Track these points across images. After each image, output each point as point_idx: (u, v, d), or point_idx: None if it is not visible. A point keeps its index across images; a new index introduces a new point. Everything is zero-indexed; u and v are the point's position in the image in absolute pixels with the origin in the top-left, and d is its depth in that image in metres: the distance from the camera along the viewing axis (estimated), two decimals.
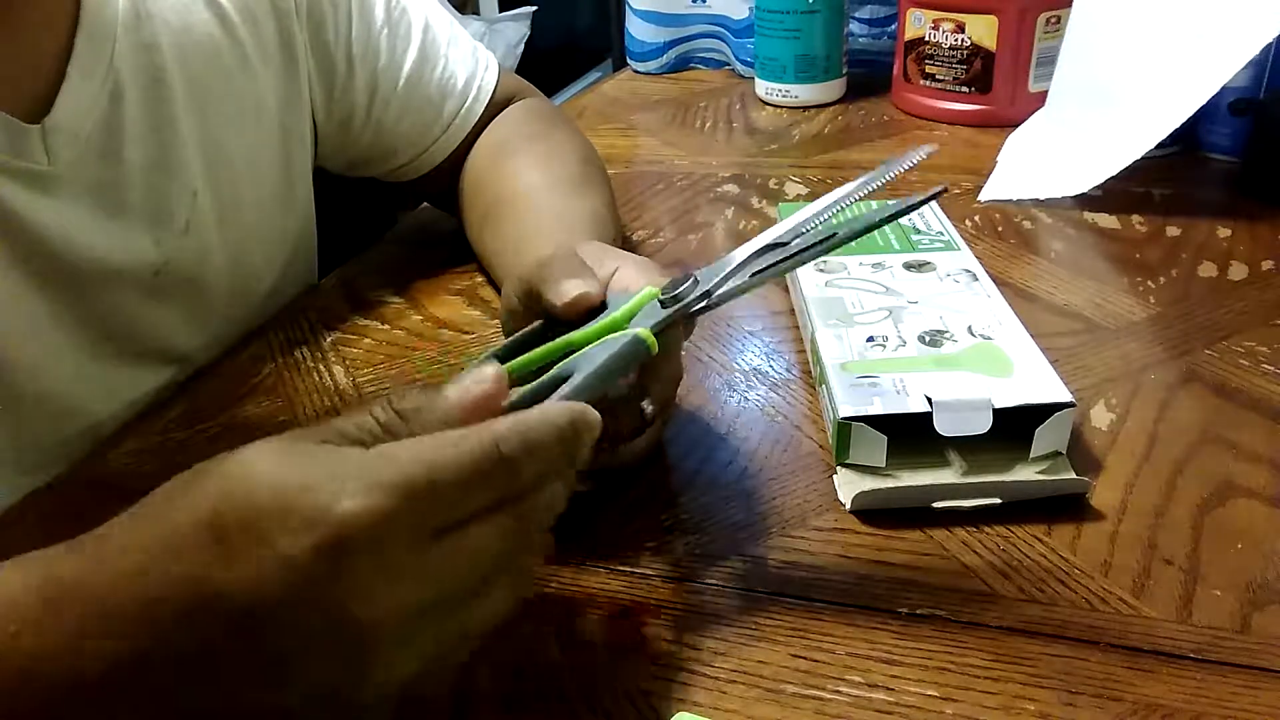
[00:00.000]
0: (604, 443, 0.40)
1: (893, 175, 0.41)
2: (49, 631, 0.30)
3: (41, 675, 0.30)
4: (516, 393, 0.39)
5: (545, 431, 0.32)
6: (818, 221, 0.42)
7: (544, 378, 0.40)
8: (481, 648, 0.34)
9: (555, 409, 0.33)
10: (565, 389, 0.37)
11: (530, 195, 0.65)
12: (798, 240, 0.42)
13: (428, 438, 0.31)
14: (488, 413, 0.34)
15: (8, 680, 0.30)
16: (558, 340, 0.43)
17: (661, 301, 0.41)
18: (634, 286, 0.44)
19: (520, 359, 0.43)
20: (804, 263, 0.41)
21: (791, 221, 0.42)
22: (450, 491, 0.30)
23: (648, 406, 0.44)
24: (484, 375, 0.35)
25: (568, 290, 0.43)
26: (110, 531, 0.31)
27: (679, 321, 0.41)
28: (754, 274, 0.41)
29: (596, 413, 0.34)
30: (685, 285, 0.41)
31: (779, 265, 0.41)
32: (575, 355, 0.40)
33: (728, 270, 0.41)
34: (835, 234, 0.41)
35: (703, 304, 0.41)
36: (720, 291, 0.41)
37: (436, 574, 0.30)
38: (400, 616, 0.29)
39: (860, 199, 0.42)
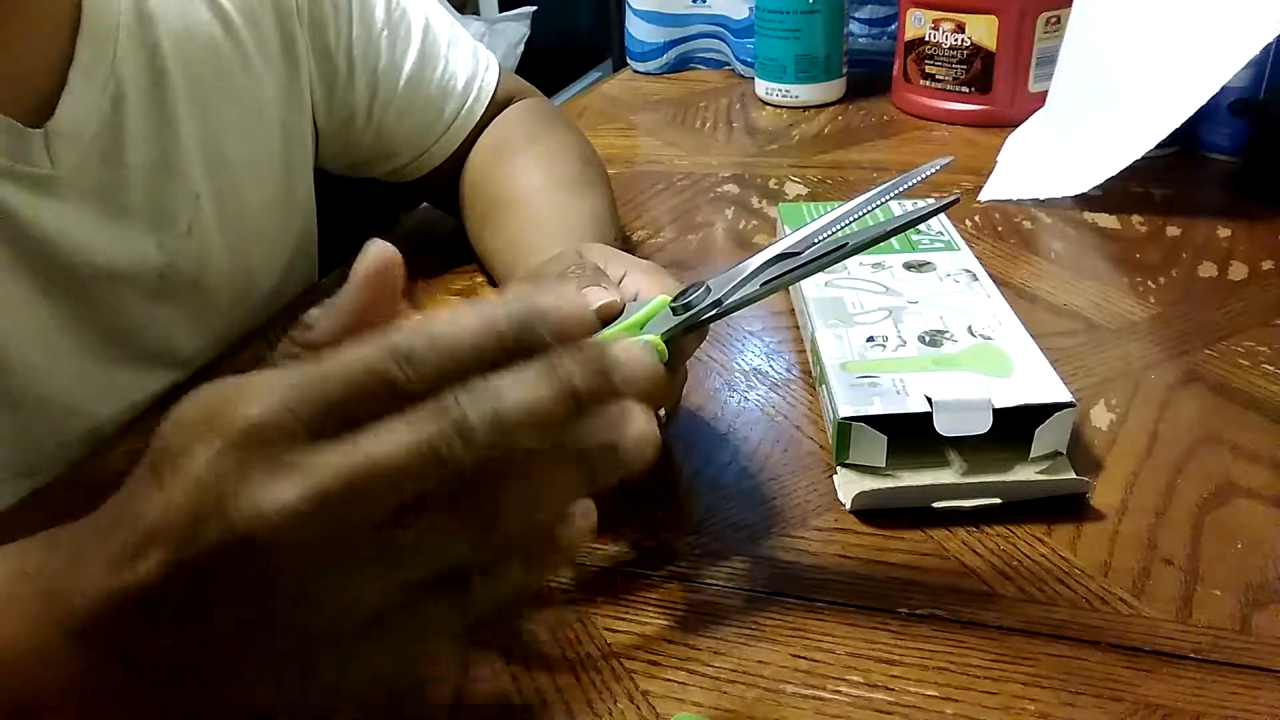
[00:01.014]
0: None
1: (908, 187, 0.41)
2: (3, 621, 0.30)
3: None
4: None
5: (457, 323, 0.28)
6: (830, 232, 0.41)
7: None
8: (478, 651, 0.34)
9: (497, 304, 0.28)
10: None
11: (530, 195, 0.65)
12: (809, 250, 0.42)
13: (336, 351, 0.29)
14: (387, 287, 0.32)
15: None
16: None
17: (673, 309, 0.41)
18: (645, 292, 0.44)
19: None
20: (814, 273, 0.41)
21: (804, 232, 0.42)
22: (332, 389, 0.27)
23: (660, 413, 0.44)
24: (366, 252, 0.32)
25: (592, 299, 0.42)
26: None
27: (690, 329, 0.41)
28: (765, 283, 0.41)
29: (573, 303, 0.29)
30: (697, 293, 0.41)
31: (789, 275, 0.41)
32: None
33: (740, 279, 0.41)
34: (846, 244, 0.41)
35: (713, 312, 0.41)
36: (731, 300, 0.41)
37: (323, 473, 0.26)
38: (290, 519, 0.26)
39: (874, 209, 0.41)
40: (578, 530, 0.30)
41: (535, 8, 2.25)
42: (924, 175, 0.41)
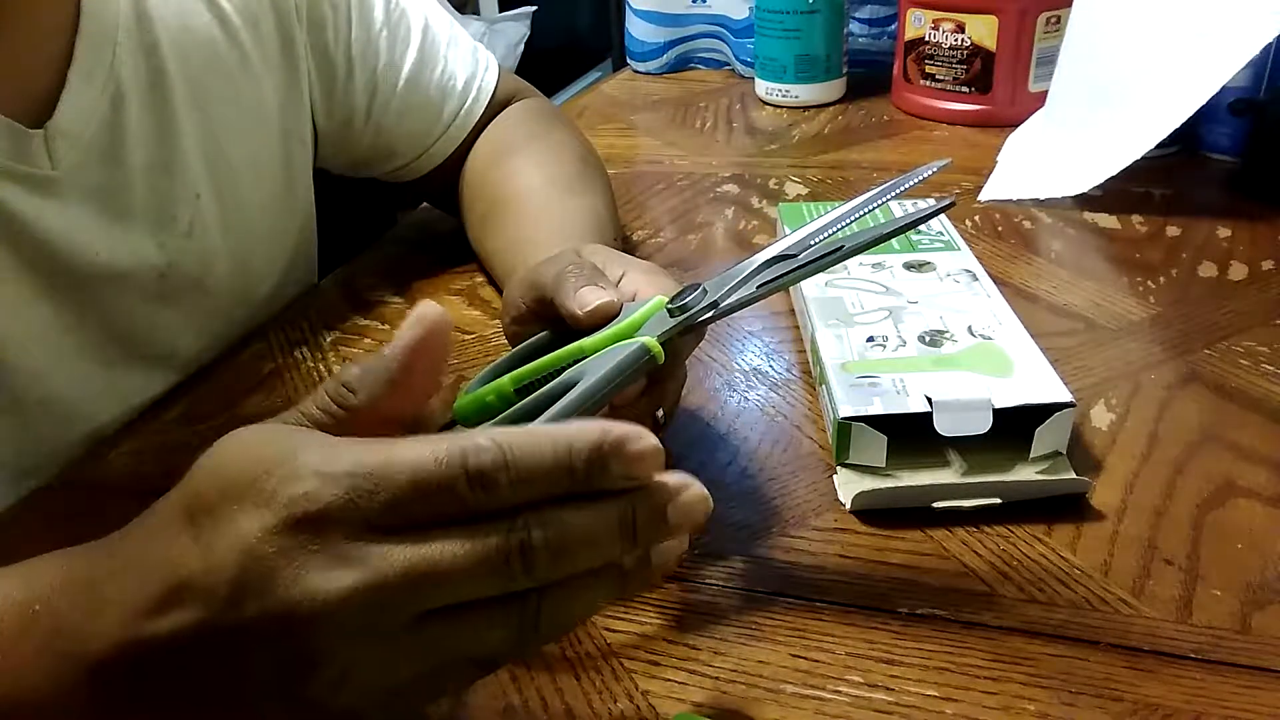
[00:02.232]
0: None
1: (906, 189, 0.40)
2: (15, 654, 0.30)
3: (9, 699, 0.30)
4: (515, 408, 0.39)
5: (539, 446, 0.28)
6: (827, 234, 0.41)
7: (547, 387, 0.39)
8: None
9: (568, 426, 0.29)
10: (566, 399, 0.37)
11: (530, 195, 0.65)
12: (806, 252, 0.41)
13: (400, 441, 0.29)
14: (432, 355, 0.33)
15: None
16: (568, 348, 0.43)
17: (669, 310, 0.41)
18: (643, 293, 0.44)
19: (528, 366, 0.42)
20: (810, 275, 0.41)
21: (801, 234, 0.42)
22: (400, 489, 0.27)
23: (660, 415, 0.44)
24: (416, 316, 0.33)
25: (588, 299, 0.42)
26: (103, 541, 0.32)
27: (687, 330, 0.41)
28: (761, 285, 0.41)
29: (644, 438, 0.29)
30: (693, 295, 0.41)
31: (785, 277, 0.41)
32: (579, 364, 0.40)
33: (736, 280, 0.41)
34: (842, 246, 0.41)
35: (710, 314, 0.41)
36: (727, 302, 0.41)
37: (383, 569, 0.27)
38: (345, 608, 0.27)
39: (873, 210, 0.41)
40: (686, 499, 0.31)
41: (535, 8, 2.25)
42: (922, 177, 0.40)
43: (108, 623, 0.29)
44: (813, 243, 0.41)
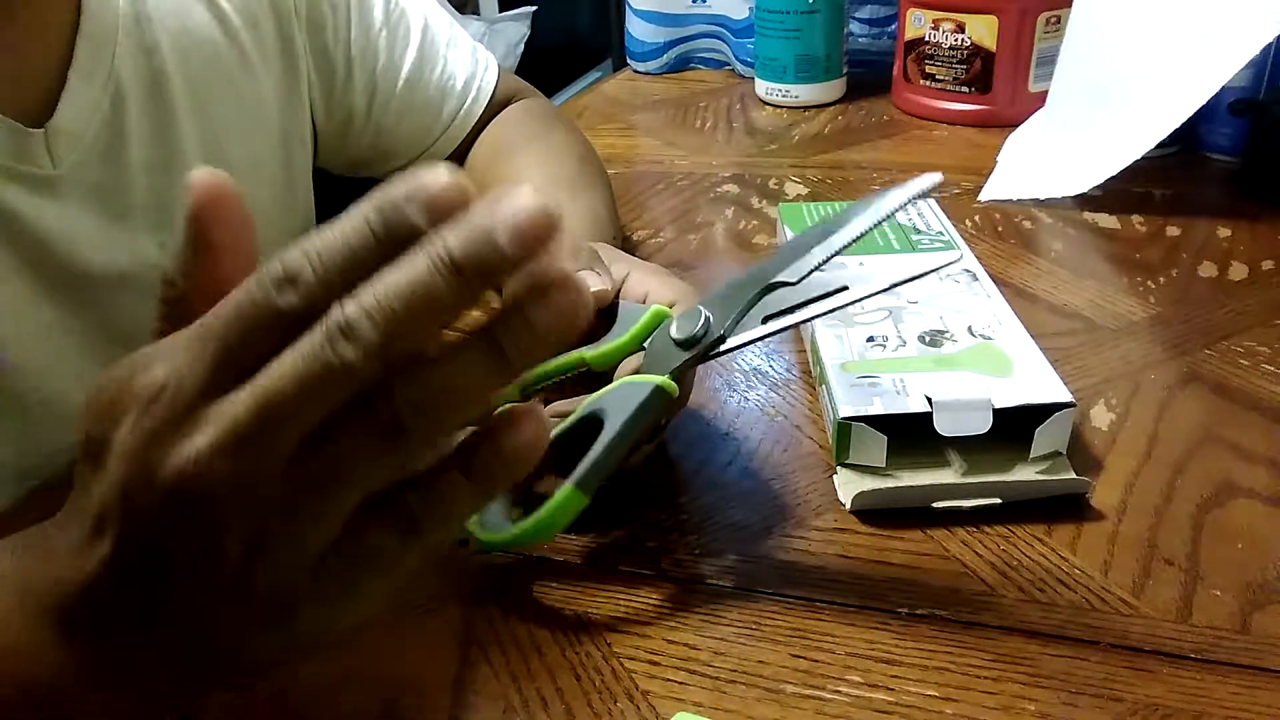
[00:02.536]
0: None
1: (900, 206, 0.40)
2: None
3: None
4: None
5: (327, 230, 0.26)
6: (827, 257, 0.41)
7: (569, 423, 0.41)
8: (478, 652, 0.34)
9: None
10: (595, 453, 0.39)
11: None
12: (805, 282, 0.41)
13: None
14: (226, 212, 0.31)
15: None
16: (569, 356, 0.44)
17: (677, 342, 0.42)
18: (655, 293, 0.45)
19: (531, 373, 0.43)
20: (817, 317, 0.41)
21: (801, 261, 0.41)
22: (225, 334, 0.27)
23: (663, 421, 0.44)
24: (191, 185, 0.30)
25: (588, 283, 0.42)
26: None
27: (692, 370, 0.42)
28: (766, 318, 0.41)
29: (450, 182, 0.26)
30: (699, 326, 0.42)
31: (792, 315, 0.41)
32: (599, 397, 0.41)
33: (739, 311, 0.42)
34: (846, 287, 0.41)
35: (719, 349, 0.42)
36: (735, 340, 0.41)
37: (231, 415, 0.26)
38: (212, 468, 0.26)
39: (869, 230, 0.41)
40: (523, 439, 0.28)
41: (535, 8, 2.25)
42: (915, 194, 0.39)
43: (57, 572, 0.30)
44: (812, 267, 0.41)
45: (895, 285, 0.40)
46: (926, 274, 0.40)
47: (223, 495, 0.27)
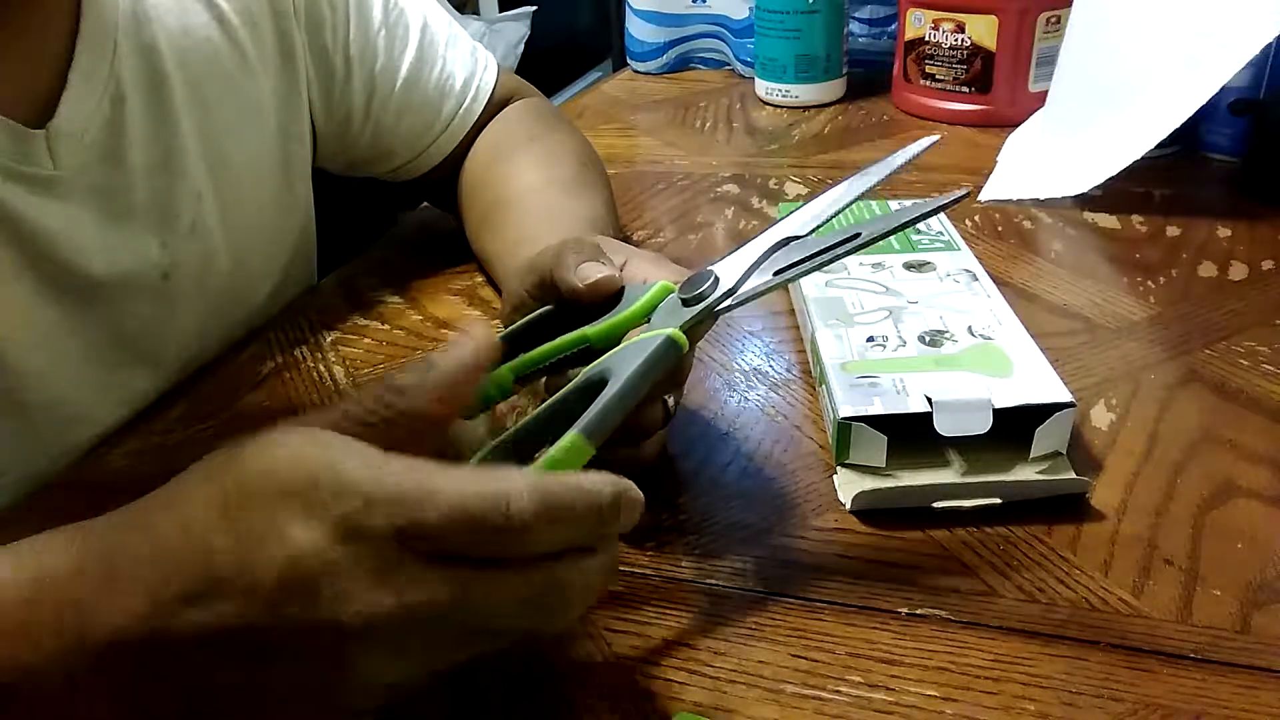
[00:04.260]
0: (628, 441, 0.40)
1: (899, 167, 0.40)
2: (18, 627, 0.31)
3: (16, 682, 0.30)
4: (542, 406, 0.39)
5: (572, 500, 0.30)
6: (831, 213, 0.41)
7: (574, 384, 0.39)
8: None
9: (593, 480, 0.31)
10: (606, 400, 0.36)
11: (528, 196, 0.65)
12: (814, 236, 0.41)
13: (450, 469, 0.30)
14: (473, 375, 0.34)
15: None
16: (570, 335, 0.42)
17: (684, 300, 0.41)
18: (652, 278, 0.44)
19: (530, 355, 0.42)
20: (827, 264, 0.40)
21: (804, 214, 0.42)
22: (439, 528, 0.29)
23: (670, 401, 0.43)
24: (470, 337, 0.34)
25: (588, 273, 0.43)
26: (120, 518, 0.32)
27: (704, 319, 0.41)
28: (776, 272, 0.41)
29: (639, 492, 0.32)
30: (707, 284, 0.41)
31: (801, 265, 0.41)
32: (606, 358, 0.39)
33: (748, 267, 0.41)
34: (859, 234, 0.40)
35: (728, 302, 0.41)
36: (744, 290, 0.41)
37: (421, 595, 0.29)
38: (383, 627, 0.29)
39: (867, 191, 0.41)
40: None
41: (535, 8, 2.25)
42: (914, 155, 0.40)
43: (130, 604, 0.30)
44: (817, 224, 0.41)
45: (907, 223, 0.40)
46: (935, 210, 0.40)
47: (374, 650, 0.29)
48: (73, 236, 0.52)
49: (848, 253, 0.40)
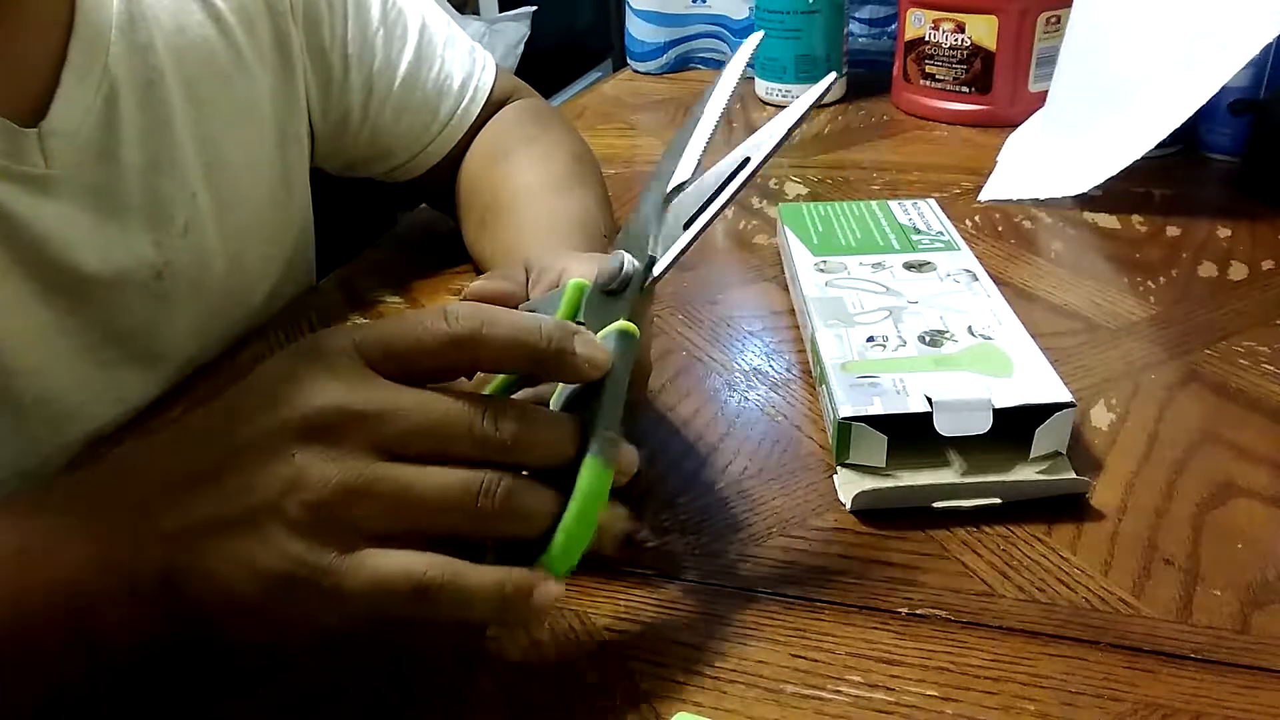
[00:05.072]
0: None
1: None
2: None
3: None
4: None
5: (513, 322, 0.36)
6: (705, 143, 0.41)
7: (557, 405, 0.39)
8: (479, 650, 0.34)
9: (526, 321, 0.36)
10: (603, 409, 0.37)
11: (523, 197, 0.65)
12: (708, 175, 0.40)
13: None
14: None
15: None
16: (505, 376, 0.41)
17: (607, 291, 0.40)
18: (567, 273, 0.44)
19: (493, 384, 0.41)
20: (732, 201, 0.40)
21: (684, 159, 0.41)
22: (402, 342, 0.35)
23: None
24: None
25: (471, 290, 0.45)
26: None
27: (641, 302, 0.40)
28: (686, 224, 0.40)
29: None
30: (625, 268, 0.40)
31: (708, 209, 0.40)
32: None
33: (654, 232, 0.40)
34: (748, 159, 0.39)
35: (654, 274, 0.40)
36: (665, 258, 0.40)
37: (364, 390, 0.34)
38: (326, 410, 0.33)
39: (728, 104, 0.42)
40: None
41: (535, 8, 2.25)
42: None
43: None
44: (697, 158, 0.41)
45: (791, 130, 0.39)
46: (811, 108, 0.40)
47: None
48: (65, 235, 0.52)
49: (745, 181, 0.39)
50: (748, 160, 0.39)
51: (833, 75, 0.43)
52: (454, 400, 0.35)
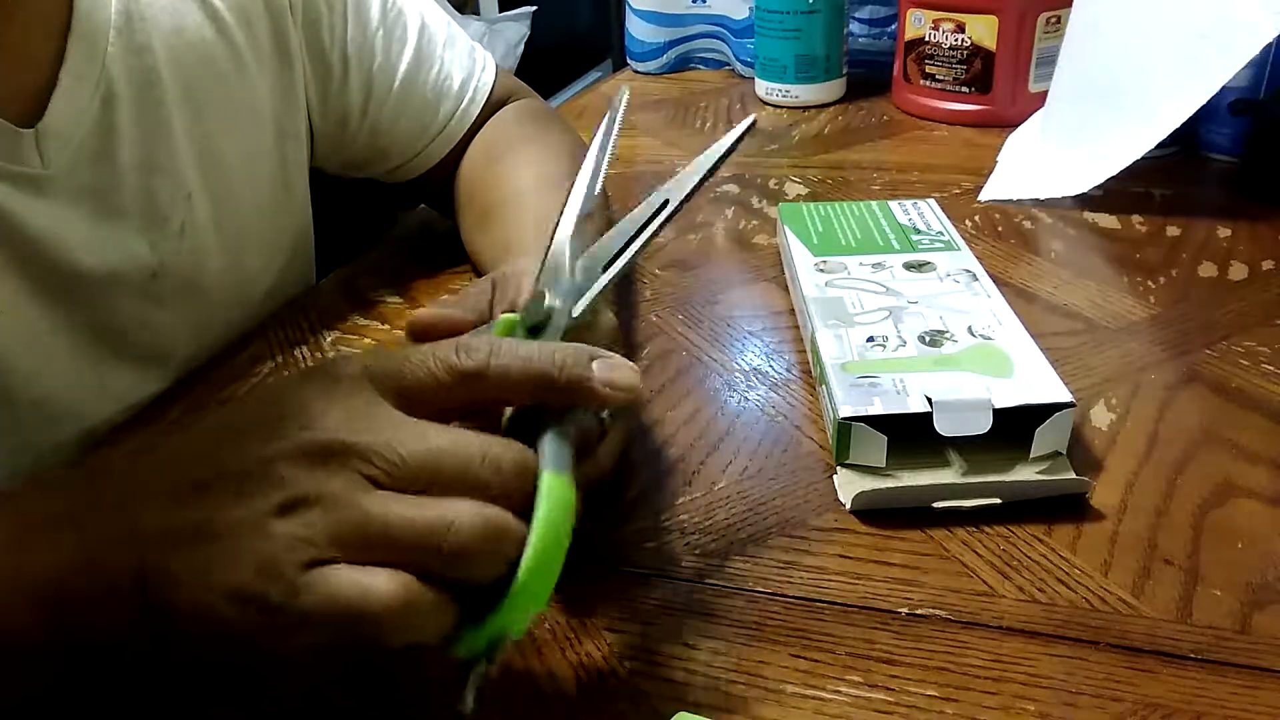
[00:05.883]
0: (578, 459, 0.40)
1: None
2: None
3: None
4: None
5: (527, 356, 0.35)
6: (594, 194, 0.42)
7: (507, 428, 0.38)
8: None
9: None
10: (547, 450, 0.35)
11: (520, 198, 0.65)
12: (629, 218, 0.41)
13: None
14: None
15: None
16: None
17: (530, 329, 0.40)
18: (500, 286, 0.46)
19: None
20: (651, 240, 0.41)
21: (584, 193, 0.42)
22: (413, 375, 0.34)
23: (604, 414, 0.41)
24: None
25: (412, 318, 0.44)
26: None
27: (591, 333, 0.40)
28: (605, 267, 0.41)
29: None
30: (547, 305, 0.40)
31: (627, 251, 0.41)
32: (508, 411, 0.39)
33: (573, 274, 0.41)
34: (667, 201, 0.40)
35: (570, 320, 0.40)
36: (583, 304, 0.40)
37: (358, 401, 0.34)
38: (320, 429, 0.33)
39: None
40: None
41: (535, 8, 2.25)
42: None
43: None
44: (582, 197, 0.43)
45: (710, 172, 0.41)
46: (731, 149, 0.42)
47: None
48: (61, 235, 0.52)
49: (664, 223, 0.40)
50: (667, 202, 0.40)
51: (752, 117, 0.43)
52: (457, 437, 0.34)
